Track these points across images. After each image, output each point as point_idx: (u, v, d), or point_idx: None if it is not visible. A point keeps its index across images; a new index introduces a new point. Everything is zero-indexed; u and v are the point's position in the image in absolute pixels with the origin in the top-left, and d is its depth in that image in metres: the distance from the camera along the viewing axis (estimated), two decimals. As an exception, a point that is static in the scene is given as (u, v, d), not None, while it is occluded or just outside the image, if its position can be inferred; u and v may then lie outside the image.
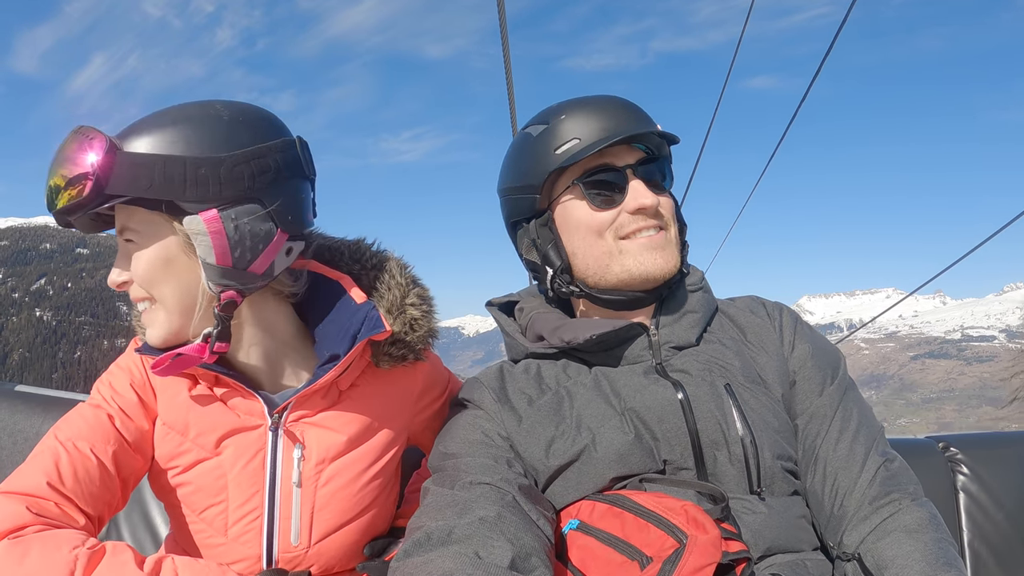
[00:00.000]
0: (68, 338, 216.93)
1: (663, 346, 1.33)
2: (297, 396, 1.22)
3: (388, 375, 1.35)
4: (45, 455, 1.11)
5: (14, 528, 1.00)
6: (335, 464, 1.25)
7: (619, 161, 1.31)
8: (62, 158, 1.06)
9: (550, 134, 1.33)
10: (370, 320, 1.23)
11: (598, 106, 1.31)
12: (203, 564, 1.05)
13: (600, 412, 1.26)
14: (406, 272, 1.38)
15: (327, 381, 1.22)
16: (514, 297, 1.56)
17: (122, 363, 1.29)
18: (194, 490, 1.23)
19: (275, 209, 1.14)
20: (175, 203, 1.09)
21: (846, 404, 1.29)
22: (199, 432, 1.22)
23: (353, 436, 1.27)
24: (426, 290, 1.38)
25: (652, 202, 1.29)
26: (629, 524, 1.10)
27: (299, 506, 1.23)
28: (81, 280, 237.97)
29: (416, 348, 1.33)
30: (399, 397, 1.37)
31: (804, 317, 1.48)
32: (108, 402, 1.22)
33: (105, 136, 1.06)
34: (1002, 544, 1.91)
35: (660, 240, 1.31)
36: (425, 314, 1.35)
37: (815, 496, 1.24)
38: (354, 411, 1.29)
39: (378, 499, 1.32)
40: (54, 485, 1.06)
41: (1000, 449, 2.07)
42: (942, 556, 1.08)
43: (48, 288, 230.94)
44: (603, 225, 1.31)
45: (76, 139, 1.06)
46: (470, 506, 1.09)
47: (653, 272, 1.30)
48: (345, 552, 1.28)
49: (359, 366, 1.31)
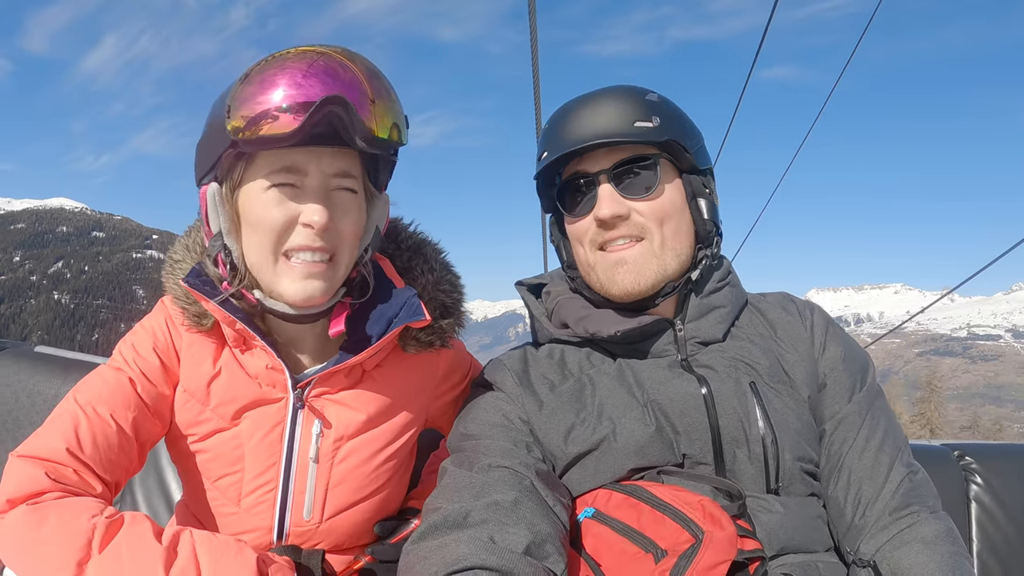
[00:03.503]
0: (86, 321, 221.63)
1: (688, 341, 1.32)
2: (322, 374, 1.22)
3: (412, 358, 1.34)
4: (65, 419, 1.11)
5: (33, 494, 1.01)
6: (353, 442, 1.25)
7: (593, 167, 1.28)
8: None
9: (541, 140, 1.36)
10: (410, 306, 1.22)
11: (571, 113, 1.30)
12: (221, 539, 1.05)
13: (622, 402, 1.26)
14: (440, 257, 1.37)
15: (354, 363, 1.21)
16: (544, 279, 1.54)
17: (146, 324, 1.28)
18: (211, 458, 1.23)
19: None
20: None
21: (874, 412, 1.28)
22: (220, 402, 1.22)
23: (373, 416, 1.27)
24: (458, 277, 1.38)
25: (608, 213, 1.25)
26: (645, 516, 1.10)
27: (314, 481, 1.23)
28: (98, 263, 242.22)
29: (444, 335, 1.33)
30: (421, 381, 1.36)
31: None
32: (130, 365, 1.21)
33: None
34: (1011, 556, 1.89)
35: (624, 256, 1.27)
36: (455, 302, 1.35)
37: (836, 503, 1.22)
38: (376, 391, 1.28)
39: (392, 479, 1.33)
40: (73, 451, 1.06)
41: (1016, 461, 2.05)
42: (958, 569, 1.08)
43: (66, 271, 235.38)
44: (580, 234, 1.31)
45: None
46: (487, 489, 1.09)
47: (614, 292, 1.29)
48: (356, 529, 1.29)
49: (386, 348, 1.29)
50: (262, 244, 1.12)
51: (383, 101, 1.10)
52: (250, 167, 1.11)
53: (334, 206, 1.13)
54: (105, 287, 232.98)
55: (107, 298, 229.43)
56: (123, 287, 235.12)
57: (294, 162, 1.09)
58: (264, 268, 1.13)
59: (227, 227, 1.14)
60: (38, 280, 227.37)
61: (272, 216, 1.10)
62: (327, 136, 1.06)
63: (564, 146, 1.26)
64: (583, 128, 1.26)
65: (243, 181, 1.12)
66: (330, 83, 1.04)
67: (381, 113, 1.09)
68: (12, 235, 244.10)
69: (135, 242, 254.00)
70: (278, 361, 1.19)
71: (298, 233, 1.11)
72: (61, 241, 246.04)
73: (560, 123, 1.30)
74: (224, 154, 1.09)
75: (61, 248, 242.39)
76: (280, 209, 1.10)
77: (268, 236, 1.11)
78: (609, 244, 1.28)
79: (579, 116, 1.28)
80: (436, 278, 1.33)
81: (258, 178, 1.10)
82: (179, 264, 1.25)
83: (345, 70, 1.07)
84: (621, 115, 1.26)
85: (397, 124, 1.12)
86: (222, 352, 1.24)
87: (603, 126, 1.25)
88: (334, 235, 1.13)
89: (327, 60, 1.07)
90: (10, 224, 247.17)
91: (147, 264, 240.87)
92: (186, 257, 1.25)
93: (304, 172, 1.11)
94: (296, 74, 1.04)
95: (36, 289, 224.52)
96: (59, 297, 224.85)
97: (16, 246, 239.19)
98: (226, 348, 1.24)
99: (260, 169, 1.10)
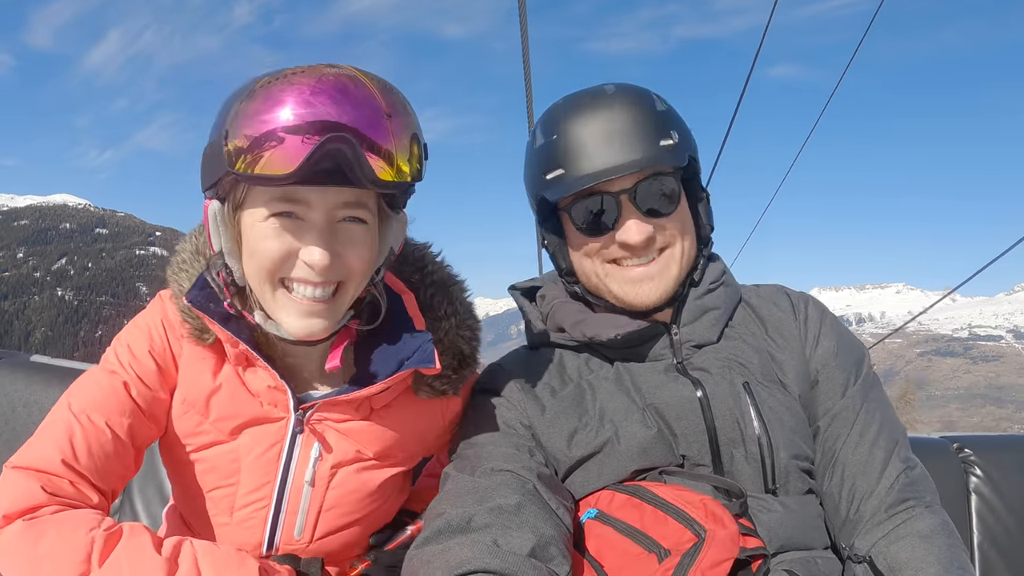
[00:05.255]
0: (89, 317, 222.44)
1: (683, 344, 1.33)
2: (326, 400, 1.19)
3: (423, 403, 1.30)
4: (59, 428, 1.08)
5: (29, 508, 0.98)
6: (350, 468, 1.23)
7: (613, 186, 1.24)
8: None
9: (543, 154, 1.29)
10: (423, 351, 1.17)
11: (590, 129, 1.24)
12: (223, 550, 1.03)
13: (623, 406, 1.26)
14: (464, 298, 1.33)
15: (360, 397, 1.18)
16: (537, 282, 1.54)
17: (141, 323, 1.22)
18: (207, 469, 1.21)
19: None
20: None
21: (868, 406, 1.27)
22: (219, 417, 1.19)
23: (376, 453, 1.24)
24: (478, 322, 1.33)
25: (640, 239, 1.24)
26: (648, 516, 1.11)
27: (307, 503, 1.21)
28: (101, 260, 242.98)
29: (457, 385, 1.30)
30: (430, 425, 1.33)
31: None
32: (125, 368, 1.16)
33: None
34: (1011, 547, 1.90)
35: (649, 271, 1.28)
36: (473, 351, 1.31)
37: (831, 498, 1.23)
38: (383, 427, 1.24)
39: (385, 504, 1.31)
40: (68, 462, 1.04)
41: (1015, 452, 2.05)
42: (955, 561, 1.09)
43: (69, 268, 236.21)
44: (592, 251, 1.29)
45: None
46: (490, 493, 1.09)
47: (636, 303, 1.29)
48: (345, 547, 1.28)
49: (397, 389, 1.25)
50: (260, 274, 1.07)
51: (400, 118, 1.02)
52: (251, 190, 1.04)
53: (340, 240, 1.06)
54: (108, 284, 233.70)
55: (110, 295, 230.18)
56: (126, 284, 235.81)
57: (296, 192, 1.01)
58: (264, 295, 1.09)
59: (228, 247, 1.08)
60: (41, 277, 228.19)
61: (270, 248, 1.04)
62: (330, 172, 0.96)
63: (593, 172, 1.21)
64: (611, 153, 1.21)
65: (244, 204, 1.06)
66: (340, 99, 0.96)
67: (398, 132, 1.01)
68: (16, 231, 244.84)
69: (138, 239, 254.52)
70: (281, 382, 1.16)
71: (299, 267, 1.05)
72: (64, 238, 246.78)
73: (578, 141, 1.24)
74: (224, 177, 1.03)
75: (64, 245, 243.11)
76: (278, 242, 1.03)
77: (265, 266, 1.05)
78: (624, 260, 1.28)
79: (599, 135, 1.23)
80: (458, 322, 1.29)
81: (259, 204, 1.03)
82: (186, 267, 1.20)
83: (357, 86, 0.99)
84: (645, 136, 1.23)
85: (411, 155, 1.04)
86: (223, 366, 1.20)
87: (631, 151, 1.22)
88: (339, 268, 1.07)
89: (337, 76, 0.99)
90: (13, 220, 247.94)
91: (150, 261, 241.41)
92: (194, 260, 1.20)
93: (306, 203, 1.03)
94: (304, 90, 0.96)
95: (40, 286, 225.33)
96: (62, 294, 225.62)
97: (20, 242, 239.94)
98: (227, 362, 1.21)
99: (261, 195, 1.03)
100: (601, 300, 1.34)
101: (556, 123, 1.29)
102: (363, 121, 0.97)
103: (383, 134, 0.99)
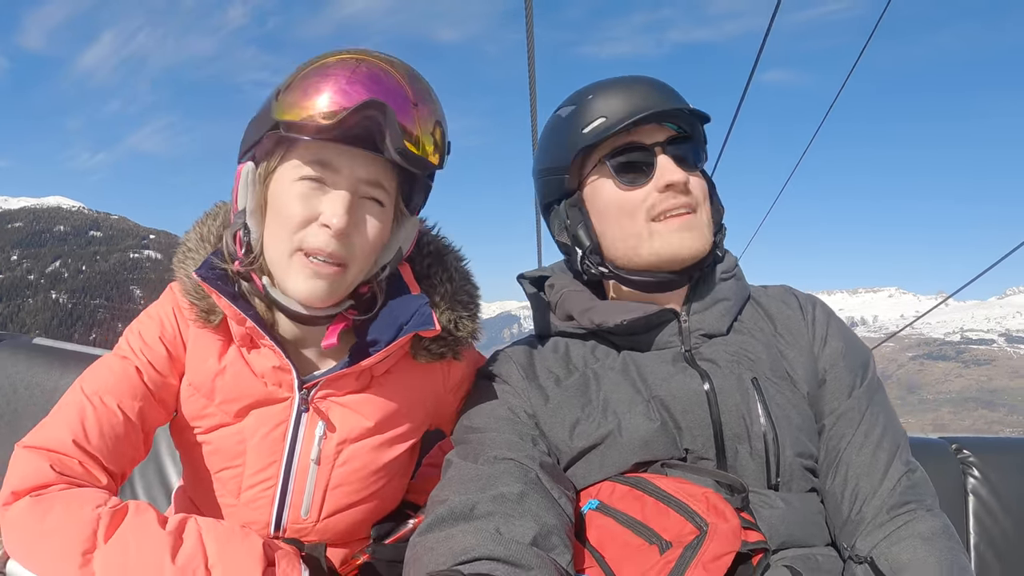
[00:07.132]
0: (84, 320, 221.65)
1: (693, 333, 1.33)
2: (329, 376, 1.21)
3: (422, 367, 1.32)
4: (71, 409, 1.10)
5: (38, 486, 1.00)
6: (355, 445, 1.25)
7: (648, 139, 1.29)
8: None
9: (578, 114, 1.32)
10: (421, 314, 1.20)
11: (626, 85, 1.31)
12: (227, 526, 1.05)
13: (627, 397, 1.26)
14: (460, 266, 1.35)
15: (361, 368, 1.20)
16: (545, 272, 1.55)
17: (153, 312, 1.27)
18: (213, 450, 1.24)
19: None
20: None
21: (873, 408, 1.28)
22: (224, 399, 1.21)
23: (378, 422, 1.26)
24: (476, 288, 1.36)
25: (681, 178, 1.27)
26: (649, 508, 1.11)
27: (313, 482, 1.23)
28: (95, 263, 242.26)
29: (456, 348, 1.31)
30: (430, 390, 1.34)
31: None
32: (137, 354, 1.20)
33: None
34: (1008, 550, 1.90)
35: (690, 221, 1.29)
36: (472, 315, 1.33)
37: (833, 498, 1.23)
38: (383, 397, 1.27)
39: (392, 482, 1.33)
40: (79, 442, 1.06)
41: (1013, 455, 2.05)
42: (956, 563, 1.10)
43: (63, 271, 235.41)
44: (633, 205, 1.30)
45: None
46: (493, 481, 1.10)
47: (682, 253, 1.29)
48: (352, 528, 1.30)
49: (397, 355, 1.28)
50: (280, 235, 1.12)
51: (426, 106, 1.11)
52: (287, 155, 1.11)
53: (358, 214, 1.12)
54: (102, 287, 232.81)
55: (104, 298, 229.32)
56: (120, 287, 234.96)
57: (329, 157, 1.09)
58: (278, 260, 1.13)
59: (252, 207, 1.14)
60: (36, 279, 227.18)
61: (294, 210, 1.09)
62: (362, 138, 1.06)
63: (636, 110, 1.25)
64: (651, 98, 1.27)
65: (277, 168, 1.12)
66: (374, 88, 1.06)
67: (424, 119, 1.10)
68: (9, 234, 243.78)
69: (132, 242, 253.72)
70: (286, 361, 1.18)
71: (315, 235, 1.10)
72: (58, 240, 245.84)
73: (616, 94, 1.29)
74: (266, 135, 1.10)
75: (58, 247, 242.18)
76: (303, 205, 1.09)
77: (286, 228, 1.10)
78: (668, 213, 1.29)
79: (639, 88, 1.29)
80: (455, 288, 1.31)
81: (291, 168, 1.11)
82: (191, 254, 1.23)
83: (388, 76, 1.08)
84: (675, 93, 1.31)
85: (435, 143, 1.13)
86: (228, 349, 1.23)
87: (668, 98, 1.28)
88: (349, 245, 1.12)
89: (369, 66, 1.08)
90: (7, 223, 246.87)
91: (144, 264, 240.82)
92: (199, 247, 1.24)
93: (336, 170, 1.09)
94: (340, 80, 1.05)
95: (34, 288, 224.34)
96: (57, 296, 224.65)
97: (13, 245, 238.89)
98: (232, 345, 1.23)
99: (295, 159, 1.10)
100: (627, 272, 1.34)
101: (587, 92, 1.34)
102: (395, 106, 1.06)
103: (410, 120, 1.08)
